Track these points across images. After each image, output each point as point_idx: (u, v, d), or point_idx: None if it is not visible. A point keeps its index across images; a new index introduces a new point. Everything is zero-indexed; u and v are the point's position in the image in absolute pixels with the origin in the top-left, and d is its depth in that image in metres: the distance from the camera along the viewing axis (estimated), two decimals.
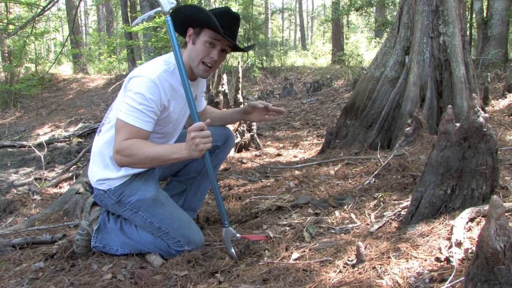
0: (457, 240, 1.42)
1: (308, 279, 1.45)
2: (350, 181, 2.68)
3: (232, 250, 1.79)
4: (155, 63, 1.87)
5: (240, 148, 4.17)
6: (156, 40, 8.10)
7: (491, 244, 0.97)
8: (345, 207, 2.17)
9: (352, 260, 1.49)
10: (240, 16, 2.00)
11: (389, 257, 1.45)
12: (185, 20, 1.86)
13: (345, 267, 1.48)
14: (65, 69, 16.76)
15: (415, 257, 1.43)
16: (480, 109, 1.65)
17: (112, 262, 1.92)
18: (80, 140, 6.56)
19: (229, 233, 1.82)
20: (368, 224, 1.91)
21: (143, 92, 1.74)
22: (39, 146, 6.07)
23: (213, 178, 1.83)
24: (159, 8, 1.87)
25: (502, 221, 0.96)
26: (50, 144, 6.36)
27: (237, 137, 4.12)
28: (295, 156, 3.90)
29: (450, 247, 1.41)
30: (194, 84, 2.02)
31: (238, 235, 1.83)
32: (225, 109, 4.18)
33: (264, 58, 13.38)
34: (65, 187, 4.06)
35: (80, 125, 7.99)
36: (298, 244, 1.80)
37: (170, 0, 1.84)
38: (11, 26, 8.97)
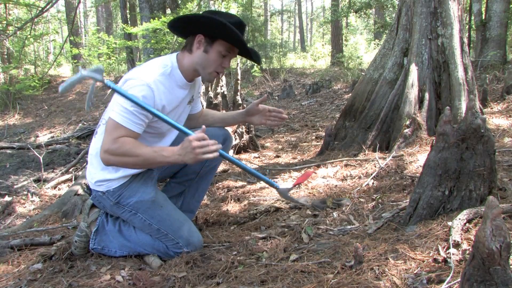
0: (454, 241, 1.43)
1: (306, 280, 1.45)
2: (349, 182, 2.68)
3: (301, 200, 1.89)
4: (153, 65, 1.87)
5: (239, 149, 4.16)
6: (155, 41, 8.10)
7: (487, 244, 0.98)
8: (343, 208, 2.18)
9: (350, 262, 1.49)
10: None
11: (387, 259, 1.46)
12: (205, 28, 1.83)
13: (343, 268, 1.48)
14: (65, 71, 16.74)
15: (413, 258, 1.43)
16: (478, 111, 1.65)
17: (111, 263, 1.92)
18: (79, 141, 6.56)
19: (284, 191, 1.95)
20: (366, 225, 1.92)
21: (136, 95, 1.74)
22: (38, 147, 6.07)
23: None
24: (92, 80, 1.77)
25: (498, 222, 0.97)
26: (49, 145, 6.35)
27: (235, 139, 4.11)
28: (293, 158, 3.90)
29: (448, 248, 1.41)
30: (191, 85, 2.02)
31: (289, 186, 1.98)
32: (224, 111, 4.18)
33: (263, 59, 13.37)
34: (63, 189, 4.05)
35: (79, 126, 7.98)
36: (296, 245, 1.81)
37: (96, 68, 1.76)
38: (10, 27, 8.96)
